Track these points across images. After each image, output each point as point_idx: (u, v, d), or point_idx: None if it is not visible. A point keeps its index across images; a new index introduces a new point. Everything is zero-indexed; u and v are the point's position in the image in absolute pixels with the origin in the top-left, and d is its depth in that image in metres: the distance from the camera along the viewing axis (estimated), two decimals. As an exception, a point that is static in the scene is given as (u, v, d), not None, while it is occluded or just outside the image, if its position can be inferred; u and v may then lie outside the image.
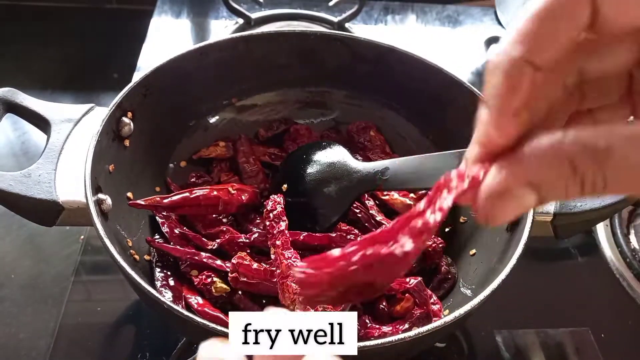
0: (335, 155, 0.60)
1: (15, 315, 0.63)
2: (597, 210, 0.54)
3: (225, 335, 0.39)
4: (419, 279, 0.54)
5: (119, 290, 0.66)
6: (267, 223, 0.54)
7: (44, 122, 0.56)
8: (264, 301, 0.54)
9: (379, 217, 0.60)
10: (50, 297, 0.64)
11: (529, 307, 0.68)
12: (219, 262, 0.54)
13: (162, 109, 0.61)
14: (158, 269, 0.54)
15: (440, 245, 0.58)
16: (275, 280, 0.51)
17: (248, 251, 0.55)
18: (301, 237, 0.55)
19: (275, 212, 0.54)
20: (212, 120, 0.68)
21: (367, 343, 0.40)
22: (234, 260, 0.52)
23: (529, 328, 0.65)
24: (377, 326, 0.52)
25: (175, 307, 0.41)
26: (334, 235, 0.56)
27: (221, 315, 0.50)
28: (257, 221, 0.61)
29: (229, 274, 0.52)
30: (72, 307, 0.63)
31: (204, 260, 0.54)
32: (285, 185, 0.61)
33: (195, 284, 0.54)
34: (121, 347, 0.60)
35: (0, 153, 0.83)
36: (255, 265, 0.52)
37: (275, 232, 0.53)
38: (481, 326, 0.65)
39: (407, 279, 0.54)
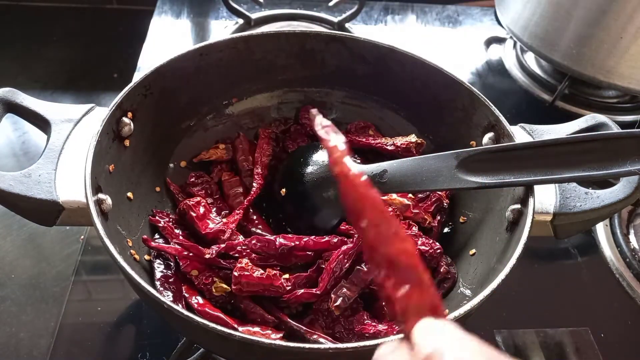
0: None
1: (15, 315, 0.63)
2: (597, 210, 0.54)
3: (227, 336, 0.40)
4: None
5: (119, 290, 0.66)
6: None
7: (44, 122, 0.56)
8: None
9: None
10: (50, 296, 0.65)
11: (528, 307, 0.68)
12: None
13: (162, 109, 0.61)
14: (158, 269, 0.54)
15: (437, 251, 0.58)
16: (277, 284, 0.52)
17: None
18: (302, 242, 0.55)
19: None
20: (212, 120, 0.68)
21: (367, 343, 0.40)
22: (235, 273, 0.52)
23: (528, 328, 0.65)
24: (374, 324, 0.52)
25: (175, 307, 0.41)
26: (335, 240, 0.56)
27: (221, 315, 0.50)
28: (257, 222, 0.61)
29: (232, 286, 0.52)
30: (73, 307, 0.63)
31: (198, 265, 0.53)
32: (283, 190, 0.61)
33: (196, 284, 0.54)
34: (121, 347, 0.60)
35: (0, 153, 0.83)
36: (257, 273, 0.52)
37: None
38: (481, 326, 0.65)
39: None
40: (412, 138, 0.65)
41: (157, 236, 0.57)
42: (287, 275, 0.53)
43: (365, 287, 0.54)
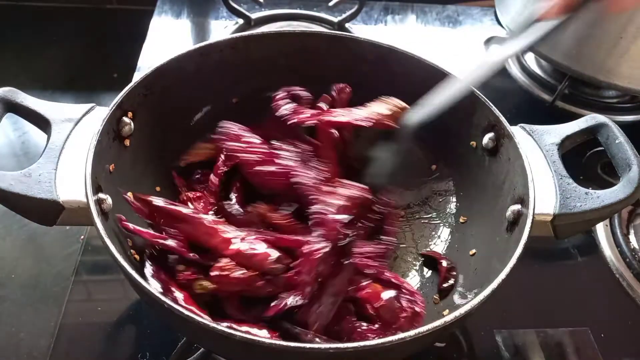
0: None
1: (15, 315, 0.63)
2: (597, 210, 0.54)
3: (224, 334, 0.39)
4: (393, 294, 0.52)
5: (119, 290, 0.66)
6: None
7: (45, 121, 0.56)
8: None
9: None
10: (50, 296, 0.65)
11: (528, 307, 0.68)
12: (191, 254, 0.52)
13: (163, 109, 0.61)
14: (148, 263, 0.52)
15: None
16: (258, 284, 0.51)
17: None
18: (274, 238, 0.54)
19: None
20: (213, 120, 0.68)
21: (367, 343, 0.40)
22: (214, 273, 0.50)
23: (528, 328, 0.65)
24: (365, 324, 0.52)
25: (175, 307, 0.41)
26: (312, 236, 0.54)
27: (196, 311, 0.47)
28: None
29: (211, 284, 0.51)
30: (73, 307, 0.63)
31: (173, 246, 0.52)
32: None
33: (178, 279, 0.52)
34: (121, 347, 0.60)
35: (0, 153, 0.83)
36: (237, 272, 0.50)
37: None
38: (481, 326, 0.65)
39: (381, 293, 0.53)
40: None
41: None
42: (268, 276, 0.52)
43: (343, 297, 0.53)
